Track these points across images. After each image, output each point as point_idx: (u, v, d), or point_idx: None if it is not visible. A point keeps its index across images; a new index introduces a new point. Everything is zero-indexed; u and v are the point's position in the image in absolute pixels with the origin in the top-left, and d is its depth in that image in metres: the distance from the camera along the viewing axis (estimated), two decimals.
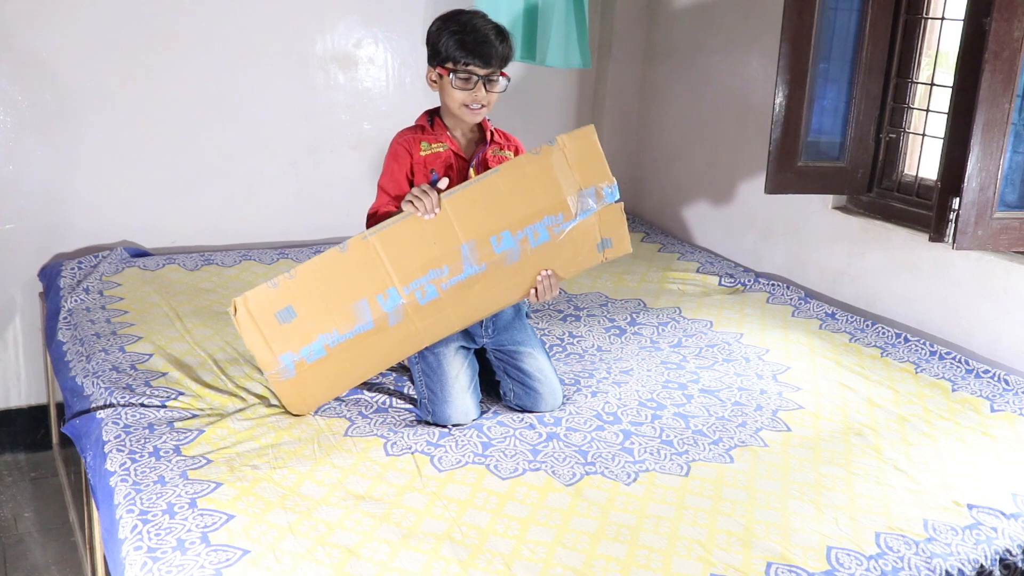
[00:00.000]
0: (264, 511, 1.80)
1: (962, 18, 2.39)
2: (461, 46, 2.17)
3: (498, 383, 2.37)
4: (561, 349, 2.70)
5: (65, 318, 2.72)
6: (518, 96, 3.68)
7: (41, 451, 3.23)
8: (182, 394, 2.25)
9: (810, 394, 2.47)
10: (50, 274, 3.03)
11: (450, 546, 1.74)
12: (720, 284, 3.29)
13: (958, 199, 2.40)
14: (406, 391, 2.38)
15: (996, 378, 2.52)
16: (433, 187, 2.12)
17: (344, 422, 2.19)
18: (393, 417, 2.24)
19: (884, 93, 2.95)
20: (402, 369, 2.48)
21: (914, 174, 2.97)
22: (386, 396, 2.32)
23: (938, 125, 2.76)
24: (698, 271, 3.38)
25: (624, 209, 2.23)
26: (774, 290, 3.18)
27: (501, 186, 2.12)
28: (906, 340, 2.76)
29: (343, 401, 2.29)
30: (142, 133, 3.17)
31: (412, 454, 2.06)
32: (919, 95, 2.95)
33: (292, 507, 1.82)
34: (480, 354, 2.41)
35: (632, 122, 3.98)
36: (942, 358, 2.65)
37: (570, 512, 1.88)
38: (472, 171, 2.30)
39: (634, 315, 2.96)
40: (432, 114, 2.34)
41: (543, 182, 2.13)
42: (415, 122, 2.35)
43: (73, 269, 3.00)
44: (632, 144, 4.00)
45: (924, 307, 2.84)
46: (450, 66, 2.20)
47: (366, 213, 2.31)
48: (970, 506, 1.96)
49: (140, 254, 3.19)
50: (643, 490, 1.97)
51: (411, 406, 2.30)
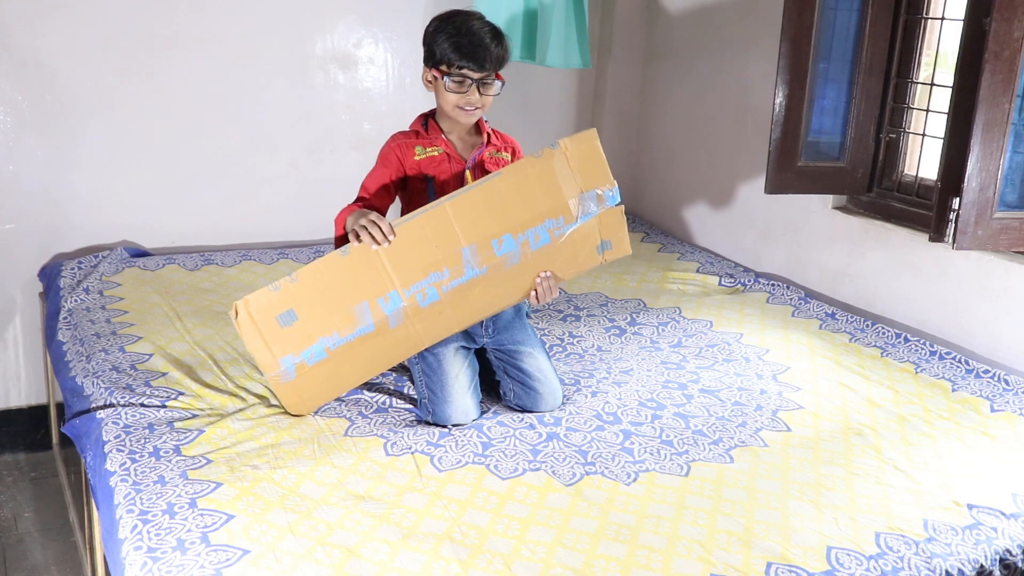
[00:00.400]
0: (264, 511, 1.80)
1: (962, 18, 2.39)
2: (455, 49, 2.16)
3: (498, 383, 2.38)
4: (561, 349, 2.70)
5: (65, 318, 2.72)
6: (518, 96, 3.68)
7: (41, 451, 3.23)
8: (182, 394, 2.25)
9: (810, 394, 2.47)
10: (50, 274, 3.03)
11: (450, 546, 1.74)
12: (720, 284, 3.29)
13: (958, 199, 2.40)
14: (406, 391, 2.38)
15: (996, 378, 2.52)
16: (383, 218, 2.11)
17: (344, 422, 2.19)
18: (393, 417, 2.24)
19: (884, 93, 2.95)
20: (402, 369, 2.48)
21: (914, 174, 2.97)
22: (386, 396, 2.32)
23: (938, 125, 2.76)
24: (698, 271, 3.38)
25: (624, 210, 2.23)
26: (774, 290, 3.18)
27: (502, 189, 2.11)
28: (906, 340, 2.76)
29: (343, 401, 2.29)
30: (142, 133, 3.17)
31: (412, 454, 2.06)
32: (919, 95, 2.95)
33: (292, 507, 1.82)
34: (480, 354, 2.41)
35: (632, 122, 3.98)
36: (942, 358, 2.65)
37: (570, 512, 1.87)
38: (468, 173, 2.30)
39: (634, 315, 2.96)
40: (427, 117, 2.34)
41: (544, 185, 2.13)
42: (410, 126, 2.35)
43: (73, 269, 3.00)
44: (632, 144, 4.00)
45: (924, 307, 2.84)
46: (444, 68, 2.20)
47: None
48: (970, 506, 1.96)
49: (140, 254, 3.20)
50: (643, 490, 1.97)
51: (411, 406, 2.30)
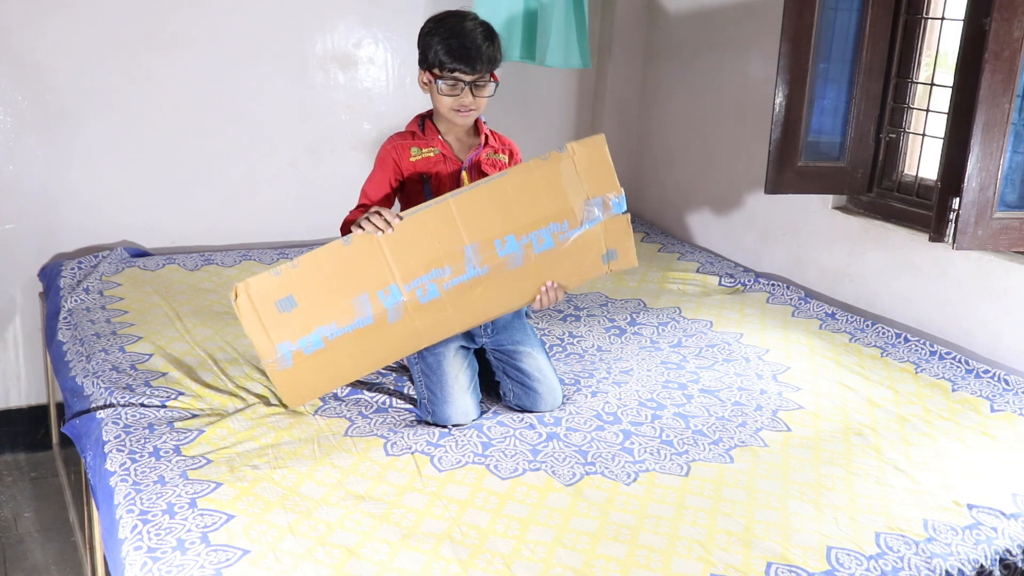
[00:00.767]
0: (264, 511, 1.80)
1: (962, 18, 2.38)
2: (447, 52, 2.16)
3: (498, 383, 2.38)
4: (561, 349, 2.70)
5: (65, 318, 2.72)
6: (518, 96, 3.68)
7: (41, 451, 3.23)
8: (182, 394, 2.25)
9: (810, 394, 2.47)
10: (50, 274, 3.03)
11: (450, 546, 1.74)
12: (720, 284, 3.29)
13: (958, 199, 2.40)
14: (406, 391, 2.38)
15: (996, 378, 2.52)
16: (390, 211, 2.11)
17: (344, 422, 2.19)
18: (393, 417, 2.24)
19: (884, 93, 2.95)
20: (402, 369, 2.48)
21: (914, 174, 2.97)
22: (386, 396, 2.32)
23: (938, 125, 2.76)
24: (698, 271, 3.38)
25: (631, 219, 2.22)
26: (774, 290, 3.18)
27: (508, 190, 2.11)
28: (906, 340, 2.76)
29: (343, 401, 2.29)
30: (142, 133, 3.17)
31: (412, 454, 2.06)
32: (919, 95, 2.95)
33: (292, 507, 1.82)
34: (480, 354, 2.41)
35: (632, 122, 3.98)
36: (942, 358, 2.65)
37: (570, 512, 1.88)
38: (465, 174, 2.30)
39: (634, 315, 2.96)
40: (424, 118, 2.34)
41: (550, 188, 2.13)
42: (406, 127, 2.35)
43: (73, 269, 3.00)
44: (632, 144, 4.00)
45: (924, 307, 2.84)
46: (437, 72, 2.20)
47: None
48: (970, 506, 1.96)
49: (140, 254, 3.20)
50: (643, 490, 1.97)
51: (411, 406, 2.30)
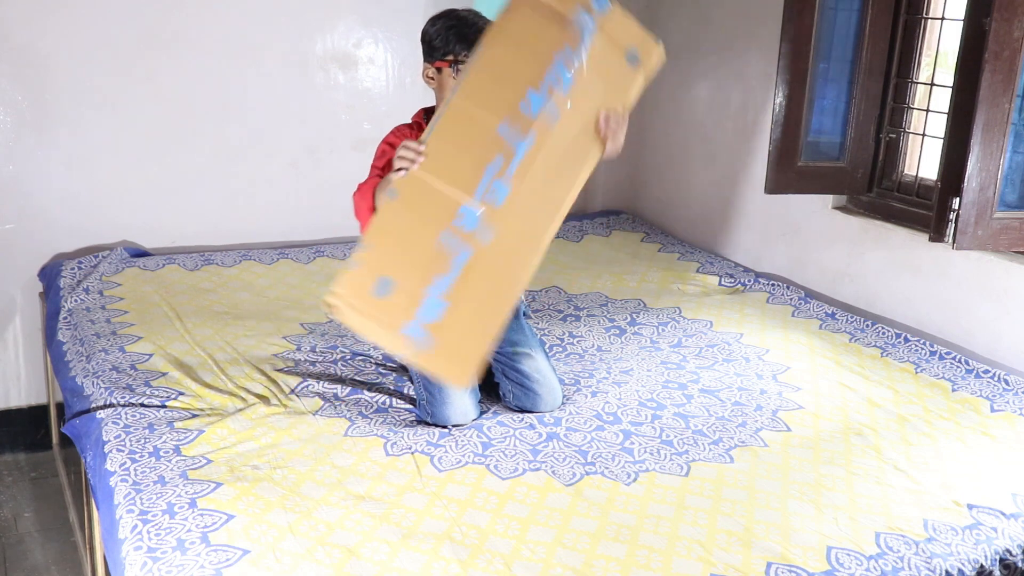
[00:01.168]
0: (264, 511, 1.80)
1: (962, 18, 2.39)
2: (461, 39, 2.17)
3: (497, 384, 2.38)
4: (561, 349, 2.70)
5: (65, 318, 2.72)
6: None
7: (41, 451, 3.23)
8: (182, 394, 2.25)
9: (810, 394, 2.47)
10: (50, 274, 3.03)
11: (450, 546, 1.74)
12: (720, 284, 3.29)
13: (958, 199, 2.40)
14: (406, 391, 2.38)
15: (996, 378, 2.52)
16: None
17: (344, 422, 2.19)
18: (393, 417, 2.24)
19: (884, 93, 2.95)
20: (402, 369, 2.48)
21: (914, 174, 2.97)
22: (386, 396, 2.32)
23: (938, 125, 2.76)
24: (698, 271, 3.38)
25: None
26: (774, 290, 3.18)
27: (499, 54, 1.99)
28: (906, 340, 2.76)
29: (343, 401, 2.29)
30: (142, 133, 3.17)
31: (412, 454, 2.06)
32: (919, 95, 2.95)
33: (292, 507, 1.82)
34: None
35: (632, 122, 3.95)
36: (942, 358, 2.65)
37: (570, 512, 1.88)
38: None
39: (634, 315, 2.96)
40: (428, 112, 2.34)
41: (533, 28, 2.00)
42: (411, 118, 2.35)
43: (73, 269, 3.00)
44: (632, 144, 3.98)
45: (924, 307, 2.84)
46: (450, 59, 2.19)
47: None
48: (970, 506, 1.96)
49: (140, 254, 3.19)
50: (643, 490, 1.97)
51: (411, 406, 2.30)
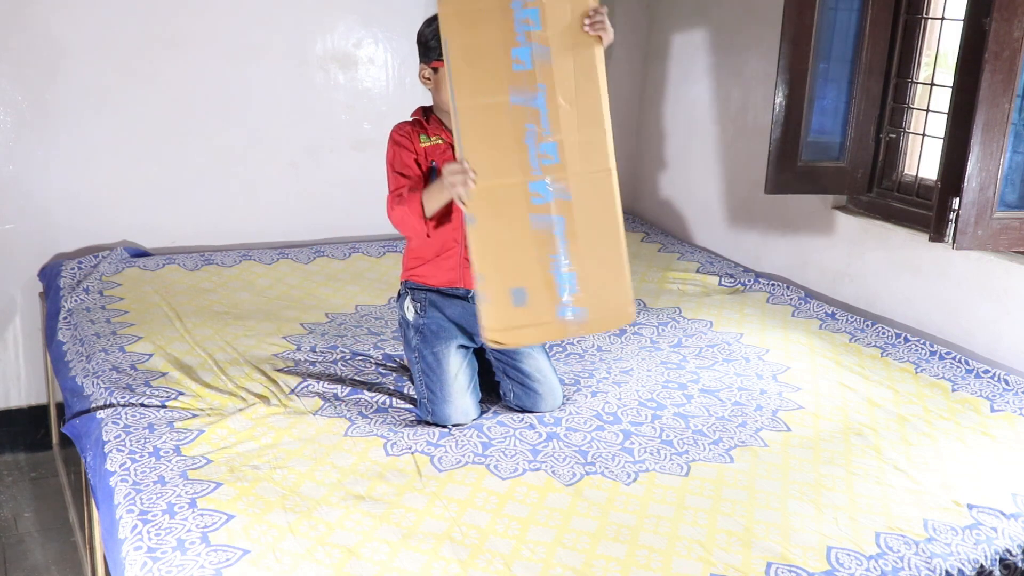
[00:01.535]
0: (264, 511, 1.80)
1: (962, 18, 2.39)
2: None
3: (498, 383, 2.38)
4: (561, 349, 2.70)
5: (65, 318, 2.72)
6: None
7: (41, 451, 3.23)
8: (182, 394, 2.25)
9: (810, 394, 2.47)
10: (50, 274, 3.03)
11: (450, 546, 1.74)
12: (720, 284, 3.29)
13: (958, 199, 2.40)
14: (406, 391, 2.38)
15: (996, 378, 2.52)
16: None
17: (344, 422, 2.19)
18: (393, 417, 2.24)
19: (884, 93, 2.95)
20: (402, 369, 2.48)
21: (914, 174, 2.97)
22: (386, 396, 2.32)
23: (938, 125, 2.76)
24: (698, 271, 3.38)
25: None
26: (774, 290, 3.18)
27: (464, 41, 2.00)
28: (906, 340, 2.76)
29: (343, 401, 2.29)
30: (142, 133, 3.17)
31: (412, 454, 2.06)
32: (919, 95, 2.95)
33: (292, 507, 1.82)
34: (480, 354, 2.41)
35: (632, 122, 3.98)
36: (942, 358, 2.65)
37: (570, 512, 1.88)
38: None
39: None
40: (427, 111, 2.34)
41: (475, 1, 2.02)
42: (411, 115, 2.35)
43: (73, 269, 3.00)
44: (632, 144, 4.00)
45: (924, 307, 2.84)
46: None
47: (387, 203, 2.22)
48: (970, 506, 1.96)
49: (140, 254, 3.20)
50: (643, 490, 1.97)
51: (411, 406, 2.30)
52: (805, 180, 2.94)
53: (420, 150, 2.26)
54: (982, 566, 1.80)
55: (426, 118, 2.32)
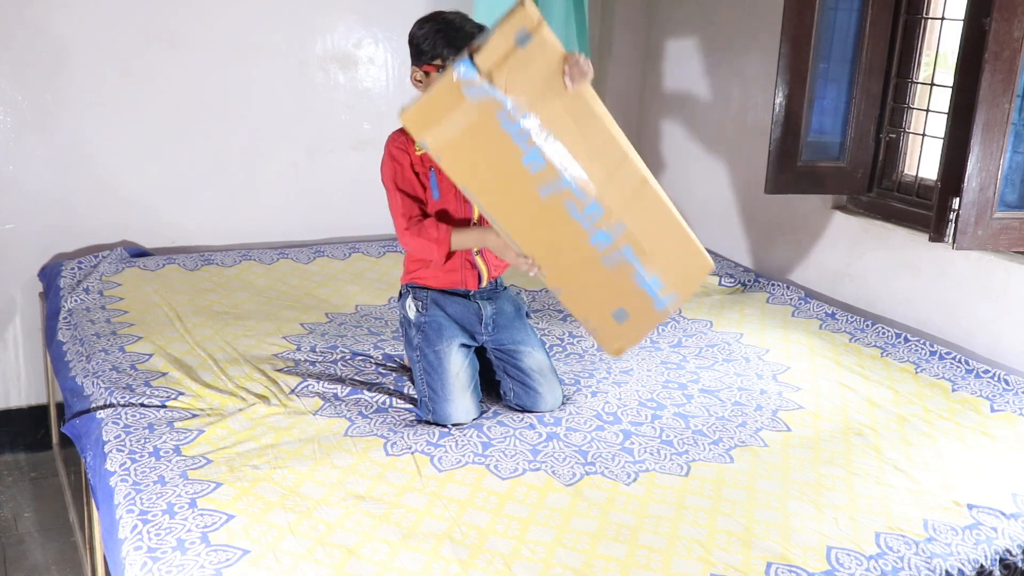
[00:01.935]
0: (264, 511, 1.80)
1: (962, 18, 2.38)
2: (448, 43, 2.15)
3: (498, 383, 2.38)
4: (561, 349, 2.70)
5: (65, 318, 2.72)
6: None
7: (41, 451, 3.23)
8: (182, 394, 2.25)
9: (810, 394, 2.47)
10: (50, 274, 3.03)
11: (450, 546, 1.74)
12: (720, 284, 3.29)
13: (958, 199, 2.40)
14: (406, 391, 2.38)
15: (996, 378, 2.52)
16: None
17: (344, 422, 2.19)
18: (393, 417, 2.24)
19: (884, 93, 2.95)
20: (402, 369, 2.48)
21: (914, 174, 2.97)
22: (386, 396, 2.32)
23: (938, 125, 2.76)
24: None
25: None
26: (774, 290, 3.18)
27: (482, 182, 2.06)
28: (906, 340, 2.76)
29: (343, 401, 2.29)
30: (142, 133, 3.17)
31: (412, 454, 2.06)
32: (919, 95, 2.95)
33: (292, 507, 1.82)
34: (480, 353, 2.41)
35: (632, 122, 3.97)
36: (942, 358, 2.65)
37: (570, 512, 1.88)
38: None
39: None
40: None
41: (463, 136, 2.01)
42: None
43: (73, 269, 3.00)
44: (632, 144, 3.99)
45: (924, 307, 2.84)
46: (438, 63, 2.18)
47: (399, 227, 2.25)
48: (970, 506, 1.96)
49: (140, 254, 3.20)
50: (643, 490, 1.97)
51: (411, 406, 2.30)
52: (805, 180, 2.93)
53: (416, 158, 2.27)
54: (982, 566, 1.80)
55: None
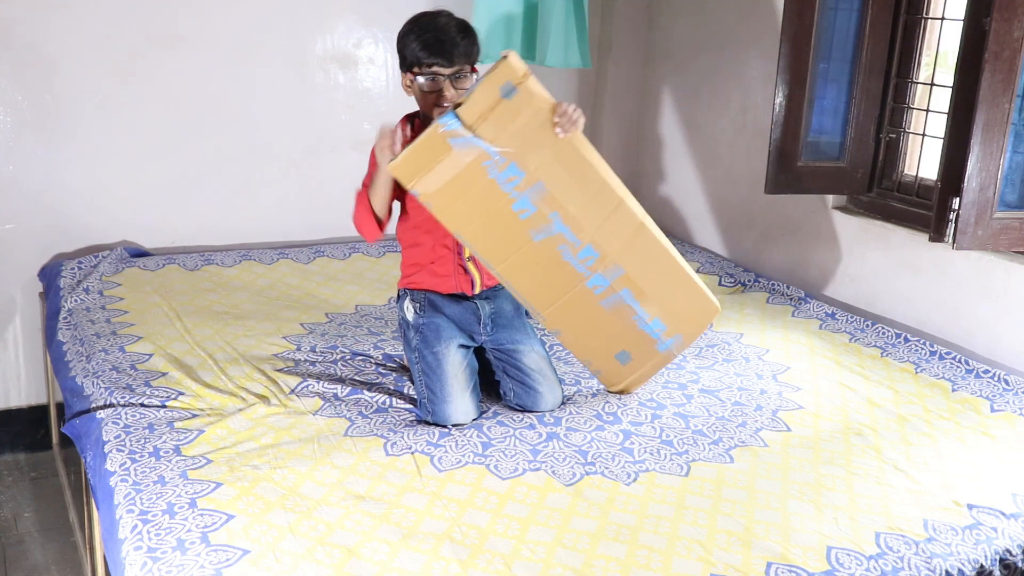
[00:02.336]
0: (264, 511, 1.80)
1: (962, 18, 2.39)
2: (424, 47, 2.15)
3: (498, 383, 2.37)
4: (561, 349, 2.70)
5: (65, 318, 2.72)
6: None
7: (41, 451, 3.23)
8: (182, 394, 2.25)
9: (810, 394, 2.47)
10: (50, 274, 3.03)
11: (450, 546, 1.74)
12: (720, 284, 3.29)
13: (958, 199, 2.40)
14: (406, 391, 2.37)
15: (996, 378, 2.52)
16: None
17: (344, 422, 2.19)
18: (393, 417, 2.24)
19: (884, 93, 2.95)
20: (402, 369, 2.48)
21: (914, 174, 2.97)
22: (386, 396, 2.32)
23: (938, 125, 2.76)
24: (698, 271, 3.37)
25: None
26: (774, 290, 3.18)
27: (472, 226, 2.13)
28: (906, 340, 2.76)
29: (343, 401, 2.29)
30: (142, 133, 3.17)
31: (412, 454, 2.06)
32: (919, 95, 2.95)
33: (292, 507, 1.82)
34: (480, 353, 2.41)
35: (632, 122, 3.97)
36: (942, 358, 2.65)
37: (570, 512, 1.88)
38: None
39: None
40: (413, 117, 2.33)
41: (452, 189, 2.08)
42: (398, 123, 2.34)
43: (73, 269, 3.00)
44: (632, 144, 4.00)
45: (924, 307, 2.84)
46: (416, 70, 2.18)
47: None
48: (970, 506, 1.96)
49: (140, 254, 3.20)
50: (643, 490, 1.97)
51: (411, 406, 2.30)
52: (805, 180, 2.94)
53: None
54: (982, 566, 1.80)
55: (410, 125, 2.31)
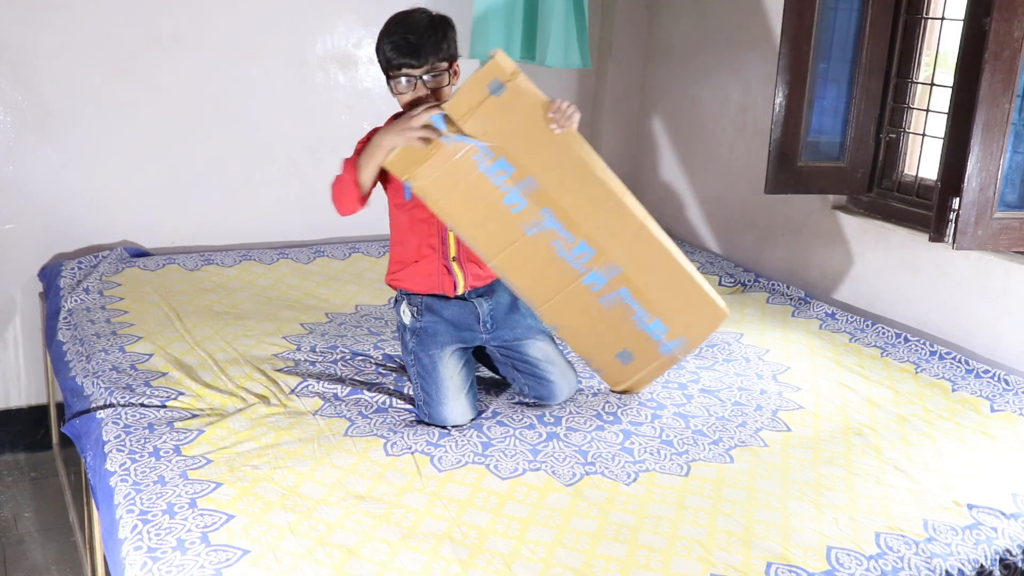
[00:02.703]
0: (264, 511, 1.80)
1: (962, 18, 2.39)
2: (393, 48, 2.11)
3: (503, 378, 2.38)
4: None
5: (65, 318, 2.72)
6: None
7: (41, 451, 3.23)
8: (182, 394, 2.25)
9: (810, 394, 2.47)
10: (50, 274, 3.03)
11: (450, 546, 1.74)
12: (720, 284, 3.29)
13: (958, 199, 2.40)
14: (406, 391, 2.37)
15: (996, 378, 2.52)
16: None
17: (344, 422, 2.19)
18: (393, 417, 2.24)
19: (884, 93, 2.95)
20: (402, 369, 2.48)
21: (914, 174, 2.97)
22: (386, 396, 2.32)
23: (938, 125, 2.76)
24: (698, 271, 3.37)
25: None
26: (774, 290, 3.18)
27: (465, 217, 2.14)
28: (906, 340, 2.76)
29: (343, 401, 2.29)
30: (142, 133, 3.17)
31: (412, 454, 2.06)
32: (919, 95, 2.95)
33: (292, 507, 1.82)
34: (480, 351, 2.41)
35: (632, 122, 3.97)
36: (942, 358, 2.65)
37: (570, 512, 1.88)
38: None
39: None
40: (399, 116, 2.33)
41: (442, 178, 2.09)
42: (385, 123, 2.33)
43: (73, 269, 3.00)
44: (632, 144, 4.00)
45: (924, 307, 2.84)
46: (390, 73, 2.15)
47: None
48: (970, 506, 1.96)
49: (140, 254, 3.19)
50: (643, 490, 1.97)
51: (411, 406, 2.30)
52: (805, 180, 2.94)
53: None
54: (982, 566, 1.80)
55: None
